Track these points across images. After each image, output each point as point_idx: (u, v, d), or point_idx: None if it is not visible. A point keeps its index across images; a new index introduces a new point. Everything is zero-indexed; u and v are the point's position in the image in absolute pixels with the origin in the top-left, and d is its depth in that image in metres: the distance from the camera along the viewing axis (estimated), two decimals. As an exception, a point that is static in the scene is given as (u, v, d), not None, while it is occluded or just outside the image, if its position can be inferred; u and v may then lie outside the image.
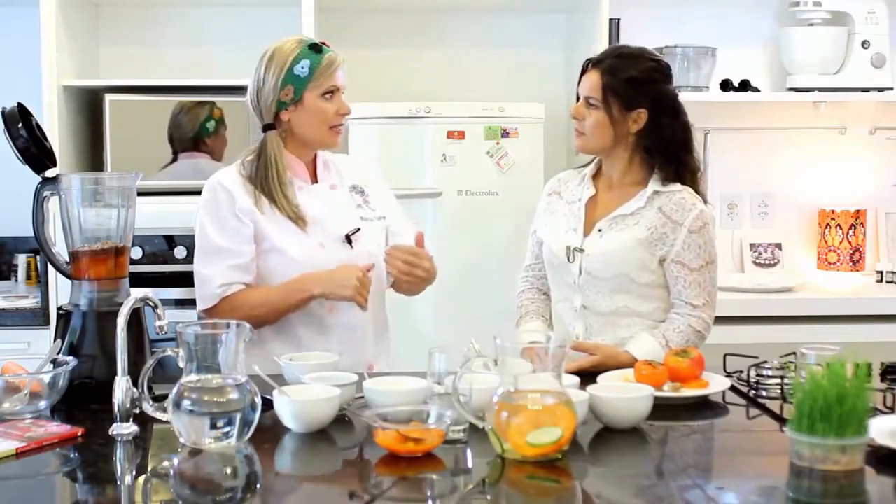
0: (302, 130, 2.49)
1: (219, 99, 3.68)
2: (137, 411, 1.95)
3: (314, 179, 2.56)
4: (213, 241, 2.47)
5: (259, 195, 2.47)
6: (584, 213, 2.62)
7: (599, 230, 2.58)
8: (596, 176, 2.67)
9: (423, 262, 2.46)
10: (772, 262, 4.17)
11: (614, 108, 2.53)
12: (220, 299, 2.45)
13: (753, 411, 2.15)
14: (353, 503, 1.64)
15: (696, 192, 2.59)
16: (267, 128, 2.49)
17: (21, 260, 3.95)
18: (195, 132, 3.68)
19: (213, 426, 1.82)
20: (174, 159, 3.67)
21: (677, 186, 2.56)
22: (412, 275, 2.46)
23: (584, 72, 2.60)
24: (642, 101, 2.53)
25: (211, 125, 3.68)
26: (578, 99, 2.61)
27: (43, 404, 2.06)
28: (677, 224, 2.52)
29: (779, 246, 4.19)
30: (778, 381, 2.27)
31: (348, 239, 2.51)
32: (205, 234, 2.49)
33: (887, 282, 4.00)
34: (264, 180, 2.47)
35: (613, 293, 2.56)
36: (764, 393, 2.24)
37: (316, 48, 2.47)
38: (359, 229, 2.53)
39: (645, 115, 2.54)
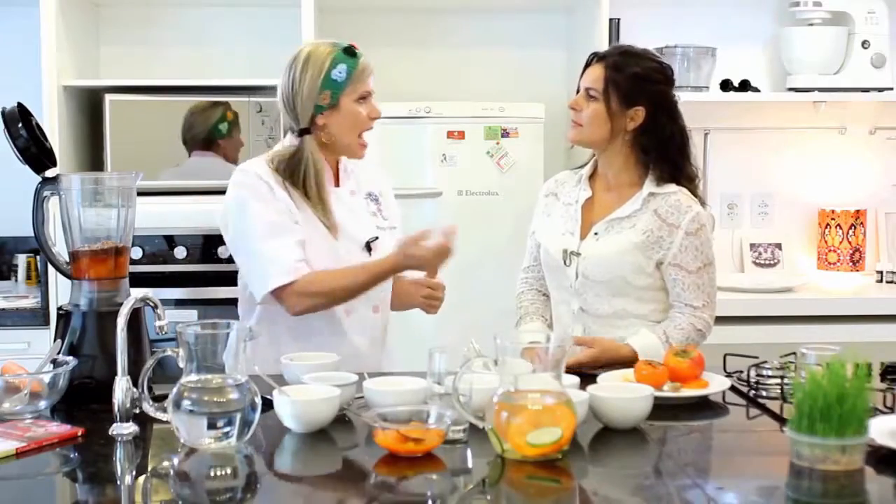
0: (336, 134, 2.48)
1: (231, 99, 3.68)
2: (137, 411, 1.95)
3: (337, 183, 2.56)
4: (272, 220, 2.41)
5: (293, 193, 2.45)
6: (581, 215, 2.62)
7: (596, 233, 2.57)
8: (592, 177, 2.67)
9: (439, 292, 2.57)
10: (772, 262, 4.17)
11: (613, 101, 2.53)
12: (300, 274, 2.37)
13: (753, 411, 2.15)
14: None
15: (694, 195, 2.58)
16: (303, 132, 2.48)
17: (21, 260, 3.95)
18: (207, 133, 3.68)
19: (213, 426, 1.82)
20: (190, 156, 3.69)
21: (672, 188, 2.56)
22: (430, 305, 2.58)
23: (588, 65, 2.61)
24: (642, 98, 2.53)
25: (224, 127, 3.68)
26: (579, 91, 2.61)
27: (43, 404, 2.06)
28: (673, 227, 2.52)
29: (779, 246, 4.19)
30: (778, 381, 2.27)
31: (368, 246, 2.51)
32: (257, 216, 2.41)
33: (887, 282, 4.00)
34: (303, 183, 2.45)
35: (611, 296, 2.56)
36: (764, 393, 2.23)
37: (350, 52, 2.47)
38: (377, 237, 2.53)
39: (643, 112, 2.54)
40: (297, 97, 2.47)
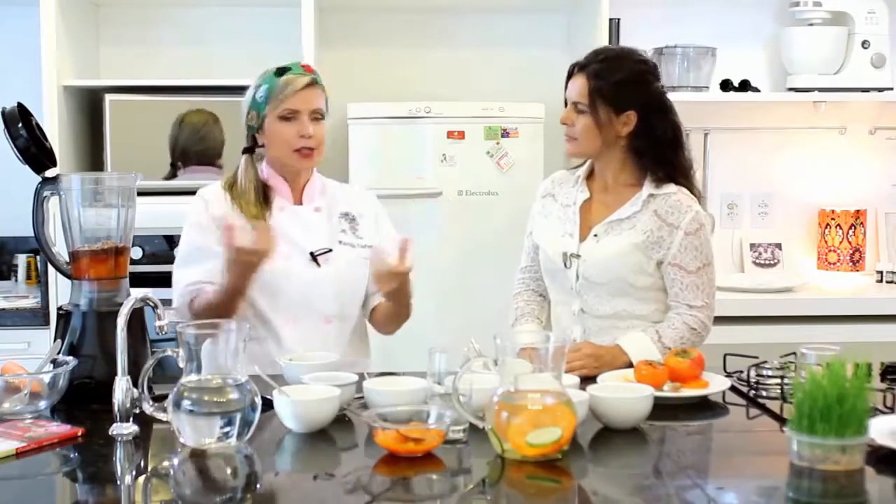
0: (270, 153, 2.54)
1: (231, 99, 3.67)
2: (137, 411, 1.95)
3: (298, 201, 2.57)
4: (192, 243, 2.50)
5: (235, 207, 2.50)
6: (579, 217, 2.61)
7: (595, 235, 2.57)
8: (589, 178, 2.66)
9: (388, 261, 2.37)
10: (772, 262, 4.17)
11: (602, 112, 2.52)
12: (189, 300, 2.44)
13: (753, 411, 2.15)
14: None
15: (691, 190, 2.58)
16: (245, 150, 2.55)
17: (21, 260, 3.95)
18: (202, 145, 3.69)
19: (213, 426, 1.82)
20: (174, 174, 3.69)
21: (672, 188, 2.56)
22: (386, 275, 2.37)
23: (570, 76, 2.60)
24: (631, 103, 2.52)
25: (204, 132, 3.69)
26: (566, 103, 2.60)
27: (43, 404, 2.06)
28: (673, 227, 2.52)
29: (779, 246, 4.19)
30: (778, 381, 2.27)
31: (314, 257, 2.51)
32: (184, 238, 2.53)
33: (887, 282, 4.00)
34: (240, 197, 2.51)
35: (611, 297, 2.55)
36: (764, 393, 2.24)
37: (280, 71, 2.51)
38: (330, 250, 2.53)
39: (634, 116, 2.53)
40: (243, 117, 2.57)
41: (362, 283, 2.56)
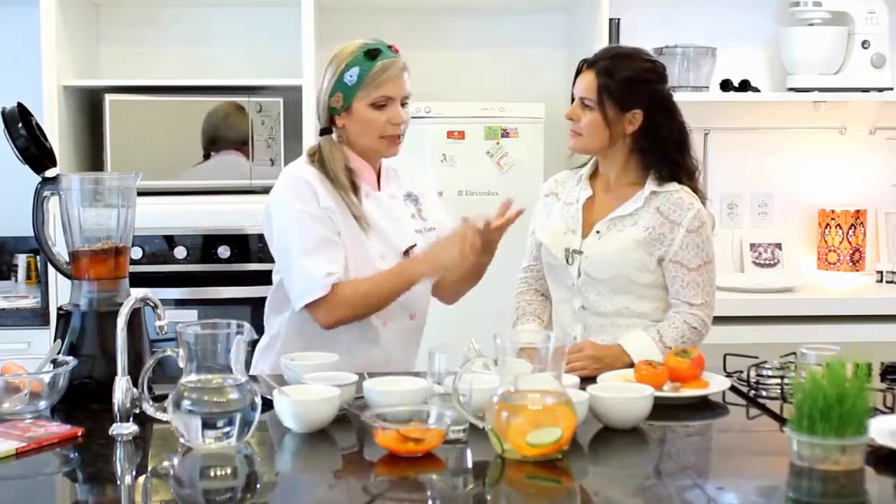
0: (354, 138, 2.45)
1: (231, 99, 3.68)
2: (137, 411, 1.95)
3: (378, 186, 2.53)
4: (316, 232, 2.38)
5: (334, 193, 2.43)
6: (582, 214, 2.62)
7: (598, 232, 2.57)
8: (593, 177, 2.67)
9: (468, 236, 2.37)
10: (772, 262, 4.17)
11: (609, 109, 2.52)
12: (331, 288, 2.34)
13: (753, 411, 2.15)
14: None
15: (695, 191, 2.59)
16: (323, 131, 2.47)
17: (21, 260, 3.95)
18: (228, 132, 3.68)
19: (213, 426, 1.82)
20: (206, 157, 3.70)
21: (674, 186, 2.56)
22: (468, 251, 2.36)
23: (578, 72, 2.60)
24: (638, 101, 2.53)
25: (244, 125, 3.69)
26: (573, 99, 2.60)
27: (43, 404, 2.06)
28: (675, 224, 2.52)
29: (779, 246, 4.19)
30: (778, 381, 2.27)
31: (407, 254, 2.48)
32: (307, 227, 2.38)
33: (887, 282, 4.00)
34: (333, 181, 2.43)
35: (613, 294, 2.56)
36: (764, 393, 2.24)
37: (372, 54, 2.41)
38: (415, 245, 2.50)
39: (640, 115, 2.54)
40: (319, 96, 2.47)
41: None
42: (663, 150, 2.56)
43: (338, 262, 2.38)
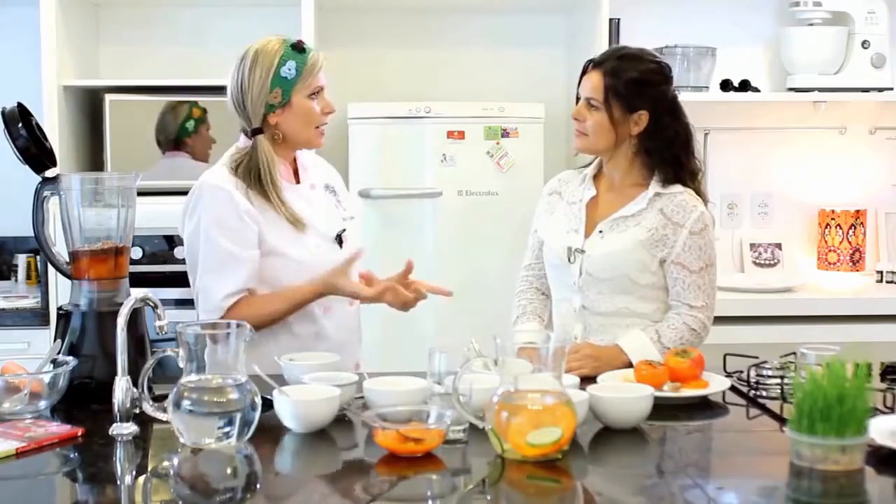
0: (290, 132, 2.47)
1: (207, 98, 3.68)
2: (137, 411, 1.95)
3: (296, 180, 2.55)
4: (223, 248, 2.39)
5: (253, 197, 2.43)
6: (585, 213, 2.62)
7: (600, 231, 2.57)
8: (597, 176, 2.67)
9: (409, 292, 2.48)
10: (772, 262, 4.17)
11: (616, 109, 2.52)
12: (225, 311, 2.38)
13: (753, 411, 2.15)
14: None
15: (698, 193, 2.59)
16: (256, 132, 2.46)
17: (21, 260, 3.95)
18: (176, 132, 3.68)
19: (213, 426, 1.82)
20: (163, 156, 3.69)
21: (678, 188, 2.56)
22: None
23: (584, 72, 2.60)
24: (644, 102, 2.53)
25: (190, 125, 3.68)
26: (579, 100, 2.60)
27: (43, 404, 2.06)
28: (678, 226, 2.52)
29: (779, 246, 4.18)
30: (778, 381, 2.27)
31: (339, 239, 2.52)
32: (212, 241, 2.39)
33: (887, 282, 4.00)
34: (259, 183, 2.43)
35: (614, 294, 2.56)
36: (764, 393, 2.24)
37: (299, 48, 2.45)
38: (345, 229, 2.55)
39: (646, 116, 2.54)
40: (246, 97, 2.45)
41: None
42: (668, 151, 2.56)
43: (240, 278, 2.40)
